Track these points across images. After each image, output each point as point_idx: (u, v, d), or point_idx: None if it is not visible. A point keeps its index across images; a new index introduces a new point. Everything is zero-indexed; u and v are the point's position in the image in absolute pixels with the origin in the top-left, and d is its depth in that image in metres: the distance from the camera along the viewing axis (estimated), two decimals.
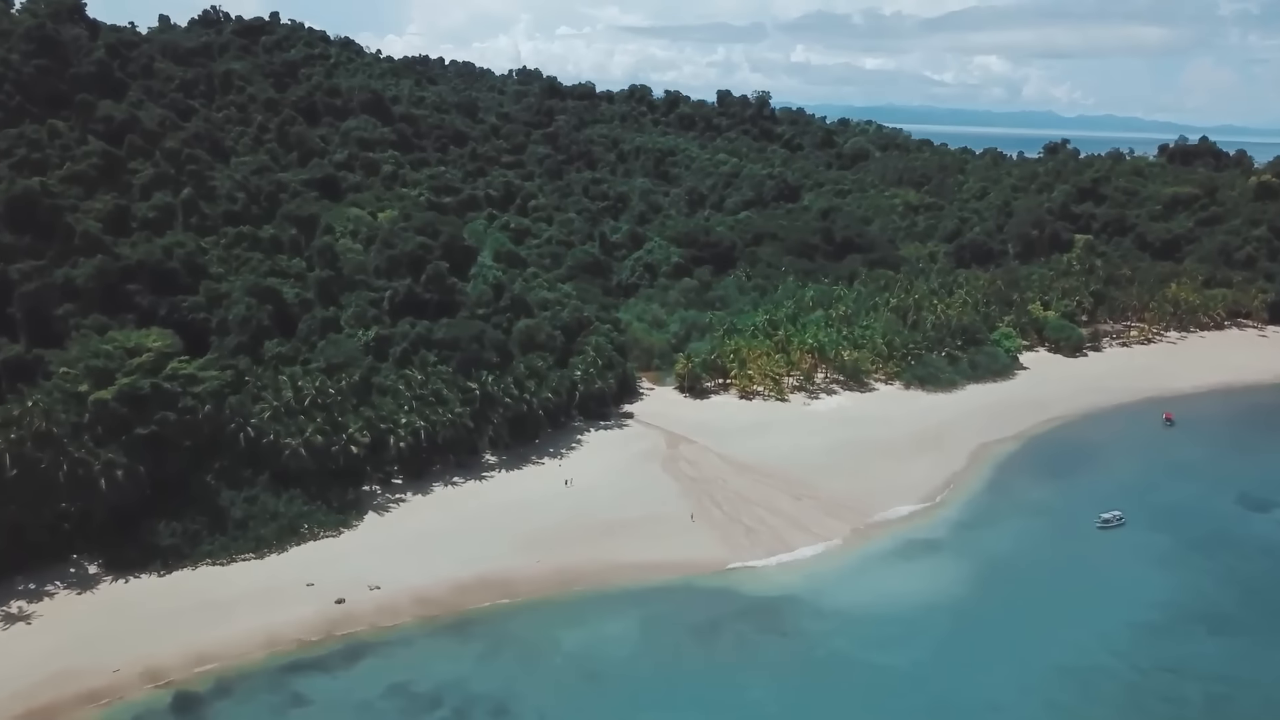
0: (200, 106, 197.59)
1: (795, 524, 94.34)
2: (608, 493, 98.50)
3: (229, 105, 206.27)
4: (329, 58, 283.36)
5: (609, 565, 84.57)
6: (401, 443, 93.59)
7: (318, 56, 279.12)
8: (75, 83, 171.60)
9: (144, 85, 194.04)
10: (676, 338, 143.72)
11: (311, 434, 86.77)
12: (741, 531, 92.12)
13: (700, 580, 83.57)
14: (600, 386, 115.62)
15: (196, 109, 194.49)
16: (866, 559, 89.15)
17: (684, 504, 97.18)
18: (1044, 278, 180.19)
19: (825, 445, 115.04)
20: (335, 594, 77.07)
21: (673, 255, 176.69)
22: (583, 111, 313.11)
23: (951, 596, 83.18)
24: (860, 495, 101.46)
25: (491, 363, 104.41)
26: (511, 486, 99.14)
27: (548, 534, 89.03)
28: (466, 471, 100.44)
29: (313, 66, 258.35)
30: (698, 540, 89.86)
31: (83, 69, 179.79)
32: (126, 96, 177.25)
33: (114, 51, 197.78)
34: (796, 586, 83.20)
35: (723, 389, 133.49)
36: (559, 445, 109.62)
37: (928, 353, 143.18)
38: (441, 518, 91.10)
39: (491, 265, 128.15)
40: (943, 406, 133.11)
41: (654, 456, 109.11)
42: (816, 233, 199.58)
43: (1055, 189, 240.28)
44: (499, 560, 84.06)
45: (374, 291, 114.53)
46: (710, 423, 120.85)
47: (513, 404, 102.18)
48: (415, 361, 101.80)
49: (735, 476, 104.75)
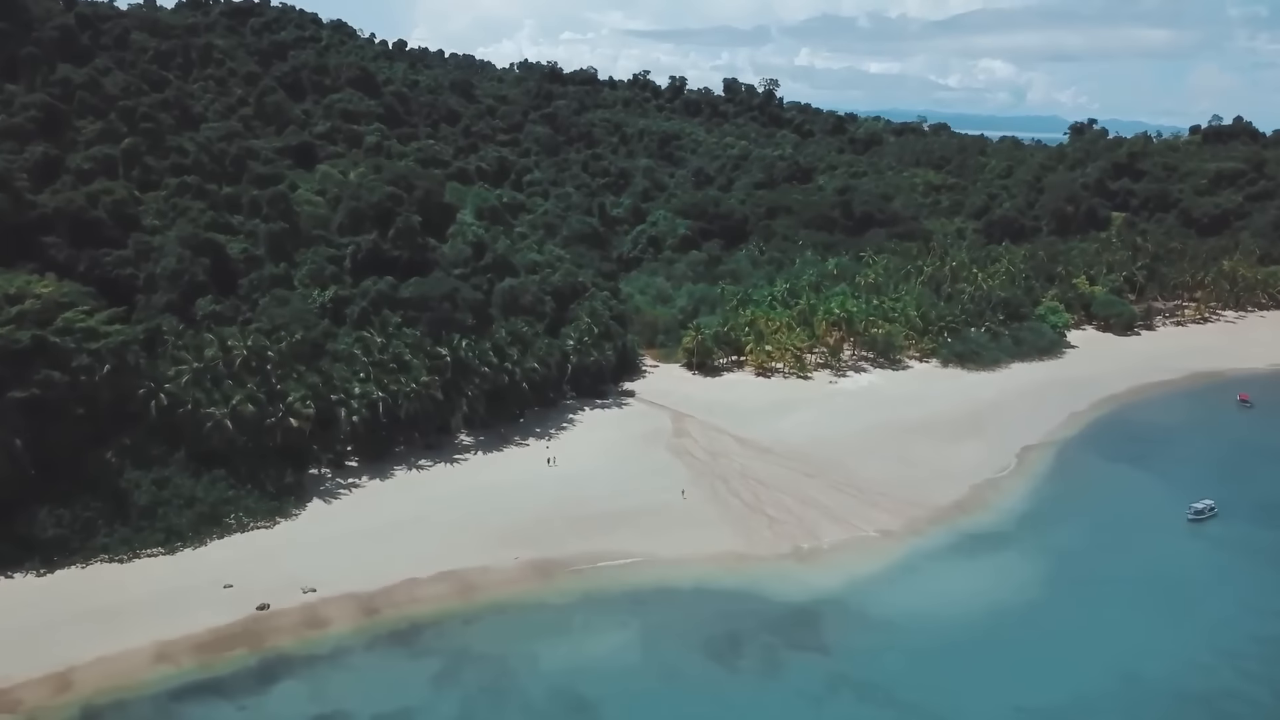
0: (175, 79, 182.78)
1: (829, 514, 78.45)
2: (603, 478, 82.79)
3: (207, 79, 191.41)
4: (320, 40, 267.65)
5: (602, 562, 68.86)
6: (355, 416, 77.93)
7: (308, 39, 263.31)
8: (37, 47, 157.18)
9: (115, 56, 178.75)
10: (684, 313, 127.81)
11: (240, 402, 71.08)
12: (764, 523, 76.25)
13: (714, 580, 67.71)
14: (596, 359, 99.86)
15: (170, 80, 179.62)
16: (917, 556, 73.18)
17: (694, 491, 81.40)
18: (1086, 252, 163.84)
19: (858, 427, 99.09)
20: (258, 598, 61.44)
21: (679, 227, 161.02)
22: (584, 97, 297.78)
23: (1026, 602, 67.16)
24: (904, 482, 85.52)
25: (466, 326, 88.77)
26: (488, 470, 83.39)
27: (529, 526, 73.34)
28: (435, 453, 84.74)
29: (303, 49, 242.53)
30: (710, 533, 74.04)
31: (45, 34, 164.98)
32: (92, 63, 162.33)
33: (86, 22, 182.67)
34: (834, 589, 67.28)
35: (737, 366, 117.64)
36: (547, 424, 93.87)
37: (966, 327, 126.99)
38: (402, 506, 75.40)
39: (473, 223, 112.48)
40: (987, 386, 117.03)
41: (658, 438, 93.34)
42: (835, 207, 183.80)
43: (1089, 165, 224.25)
44: (468, 556, 68.35)
45: (334, 249, 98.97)
46: (723, 402, 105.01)
47: (491, 374, 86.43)
48: (375, 323, 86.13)
49: (754, 460, 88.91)
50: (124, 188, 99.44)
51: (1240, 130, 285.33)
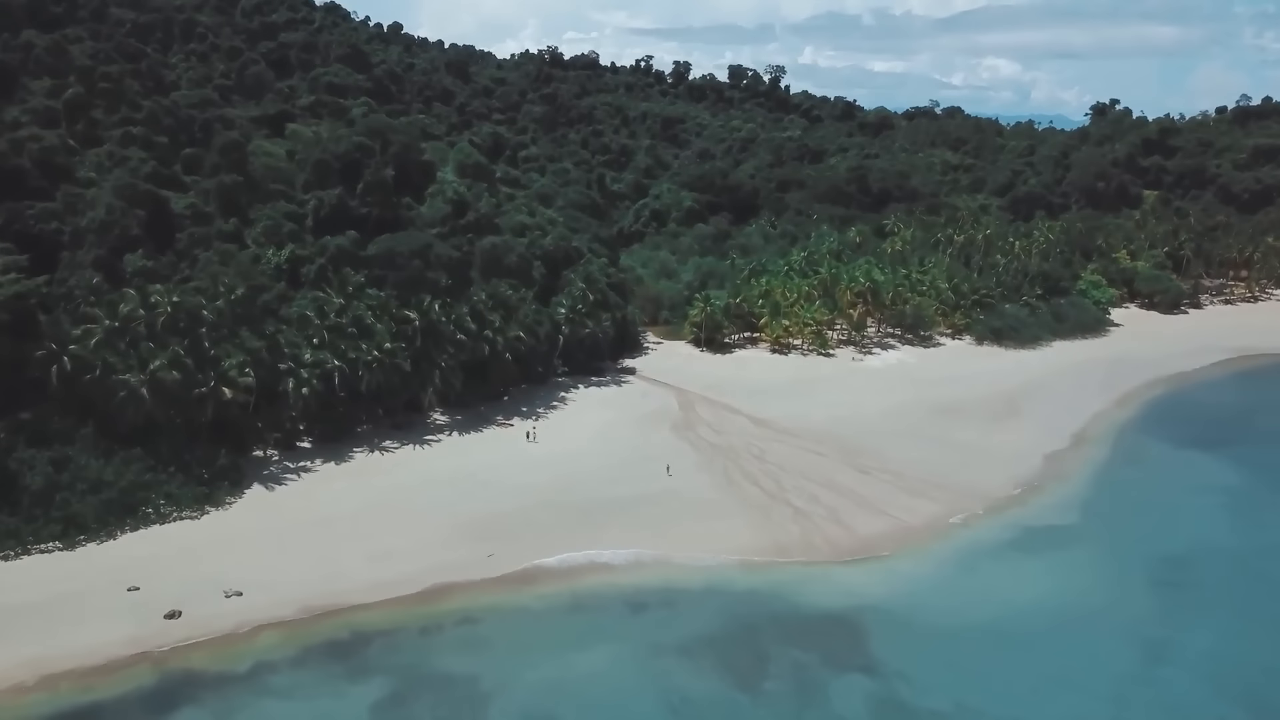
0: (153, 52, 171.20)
1: (864, 503, 66.55)
2: (598, 463, 71.05)
3: (189, 54, 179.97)
4: (313, 23, 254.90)
5: (594, 560, 57.10)
6: (305, 388, 66.15)
7: (300, 21, 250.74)
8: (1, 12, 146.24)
9: (91, 29, 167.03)
10: (690, 287, 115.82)
11: (161, 368, 59.27)
12: (787, 514, 64.36)
13: (731, 583, 55.88)
14: (592, 331, 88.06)
15: (148, 53, 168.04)
16: (972, 553, 61.26)
17: (704, 478, 69.59)
18: (1124, 227, 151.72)
19: (890, 408, 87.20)
20: (169, 603, 49.77)
21: (685, 200, 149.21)
22: (585, 81, 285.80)
23: (1107, 611, 55.26)
24: (947, 467, 73.61)
25: (441, 287, 77.03)
26: (464, 453, 71.64)
27: (509, 517, 61.58)
28: (404, 434, 73.03)
29: (294, 31, 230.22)
30: (725, 525, 62.17)
31: None
32: (62, 32, 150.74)
33: None
34: (875, 592, 55.40)
35: (750, 343, 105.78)
36: (535, 403, 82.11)
37: (1001, 302, 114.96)
38: (359, 494, 63.69)
39: (454, 180, 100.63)
40: (1029, 364, 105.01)
41: (663, 419, 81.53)
42: (851, 182, 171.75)
43: (1117, 142, 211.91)
44: (434, 553, 56.62)
45: (295, 205, 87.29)
46: (736, 380, 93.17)
47: (468, 343, 74.65)
48: (334, 281, 74.39)
49: (774, 443, 77.06)
50: (57, 137, 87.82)
51: (1271, 110, 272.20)
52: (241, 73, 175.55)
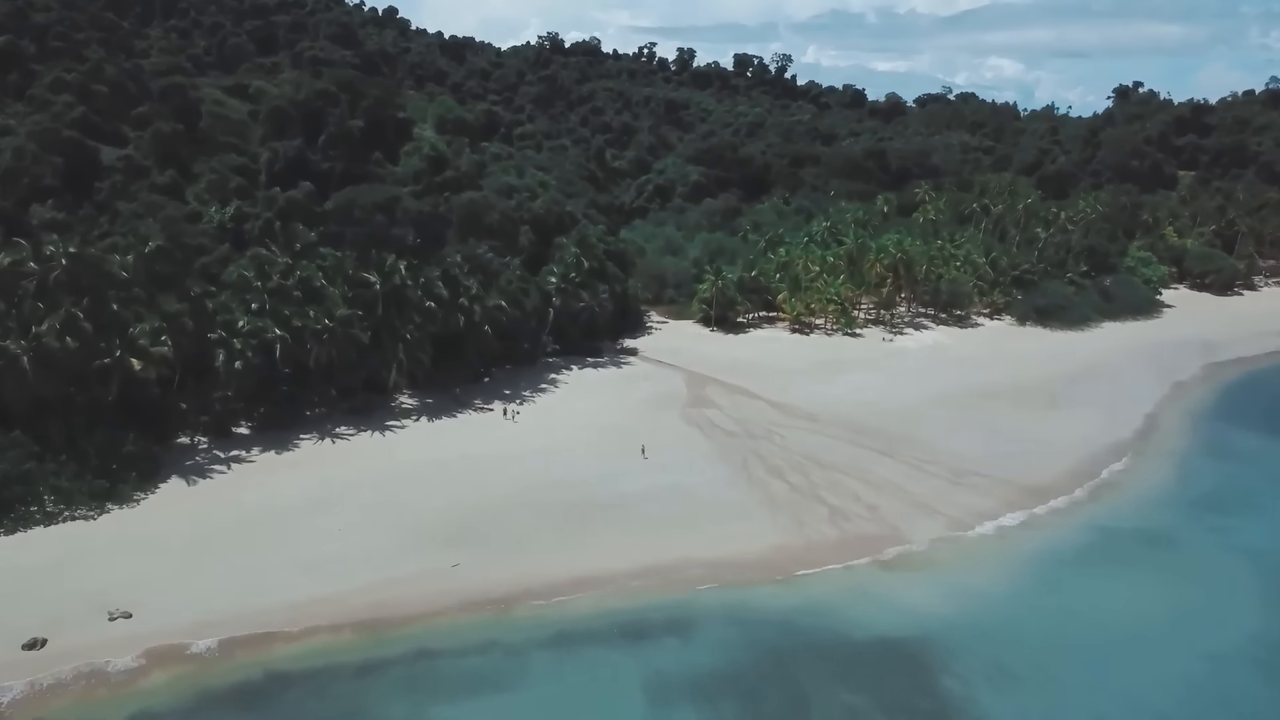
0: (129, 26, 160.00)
1: (912, 501, 55.17)
2: (593, 454, 59.73)
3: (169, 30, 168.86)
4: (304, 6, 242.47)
5: (586, 574, 45.69)
6: (238, 361, 54.80)
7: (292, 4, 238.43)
8: None
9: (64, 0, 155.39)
10: (698, 264, 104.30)
11: (49, 333, 47.90)
12: (822, 514, 52.95)
13: (759, 601, 44.42)
14: (587, 305, 76.68)
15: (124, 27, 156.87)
16: (1048, 561, 49.82)
17: (719, 472, 58.23)
18: (1167, 203, 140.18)
19: (931, 392, 75.80)
20: (34, 629, 38.51)
21: (691, 175, 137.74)
22: (586, 67, 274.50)
23: (1234, 632, 43.91)
24: (1003, 459, 62.22)
25: (409, 246, 65.63)
26: (434, 442, 60.32)
27: (483, 520, 50.27)
28: (362, 419, 61.71)
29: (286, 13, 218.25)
30: (748, 529, 50.77)
31: None
32: None
33: None
34: (938, 611, 44.00)
35: (766, 322, 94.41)
36: (520, 385, 70.80)
37: (1044, 279, 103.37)
38: (303, 489, 52.37)
39: (433, 137, 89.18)
40: (1079, 347, 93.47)
41: (670, 404, 70.17)
42: (869, 157, 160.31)
43: (1148, 120, 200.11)
44: (387, 564, 45.32)
45: (247, 158, 75.97)
46: (752, 362, 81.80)
47: (439, 312, 63.25)
48: (280, 237, 63.03)
49: (801, 432, 65.66)
50: None
51: None
52: (220, 46, 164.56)
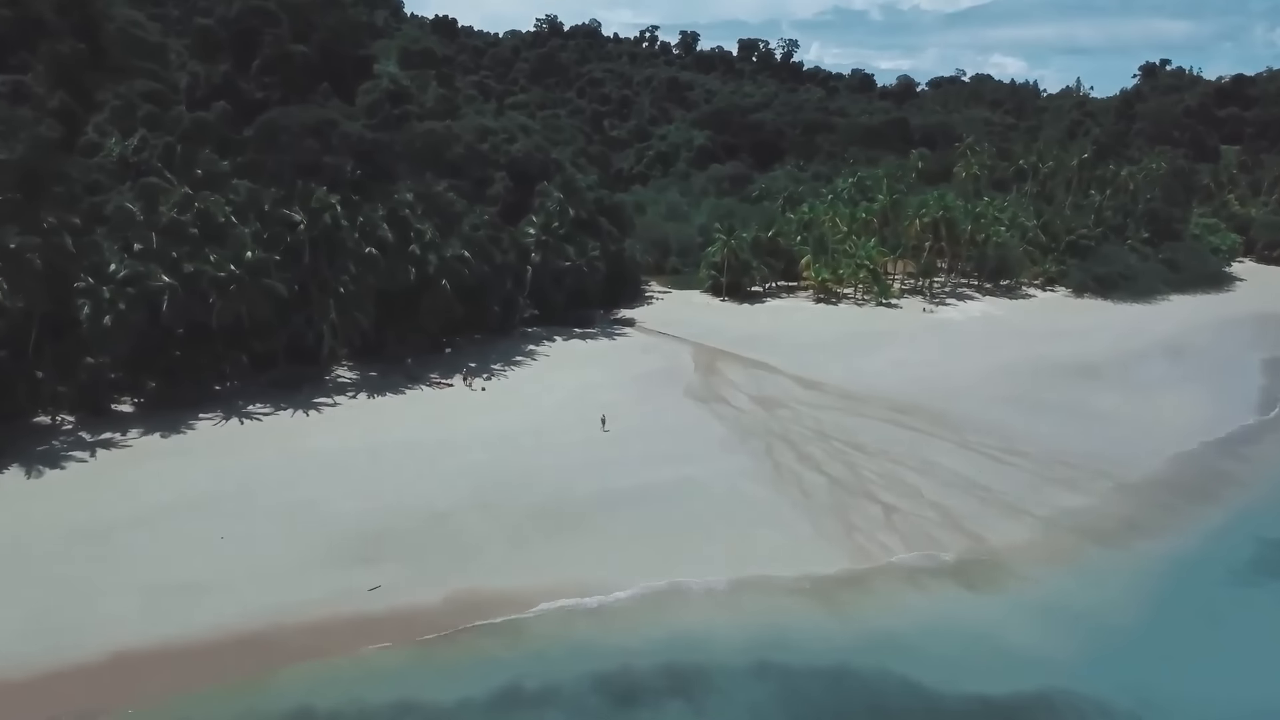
0: None
1: (990, 499, 41.87)
2: (573, 439, 46.54)
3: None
4: None
5: (551, 598, 32.38)
6: (108, 316, 41.66)
7: None
8: None
9: None
10: (704, 233, 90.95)
11: None
12: (875, 515, 39.65)
13: (800, 636, 31.14)
14: (574, 265, 63.46)
15: None
16: (1192, 577, 36.58)
17: (737, 462, 44.96)
18: (1227, 169, 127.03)
19: (991, 368, 62.60)
20: None
21: (697, 139, 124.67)
22: (585, 50, 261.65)
23: None
24: (1096, 447, 49.01)
25: (350, 180, 52.40)
26: (373, 424, 47.11)
27: (420, 526, 37.10)
28: (286, 393, 48.58)
29: None
30: (781, 535, 37.50)
31: None
32: None
33: None
34: (1057, 653, 30.76)
35: (787, 292, 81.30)
36: (490, 358, 57.65)
37: (1103, 244, 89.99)
38: (186, 483, 39.22)
39: (393, 69, 75.89)
40: (1152, 320, 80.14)
41: (673, 380, 57.00)
42: (889, 125, 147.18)
43: (1185, 92, 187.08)
44: (278, 584, 32.16)
45: (161, 85, 62.80)
46: (772, 334, 68.60)
47: (383, 261, 49.96)
48: (176, 164, 49.79)
49: (837, 414, 52.48)
50: None
51: None
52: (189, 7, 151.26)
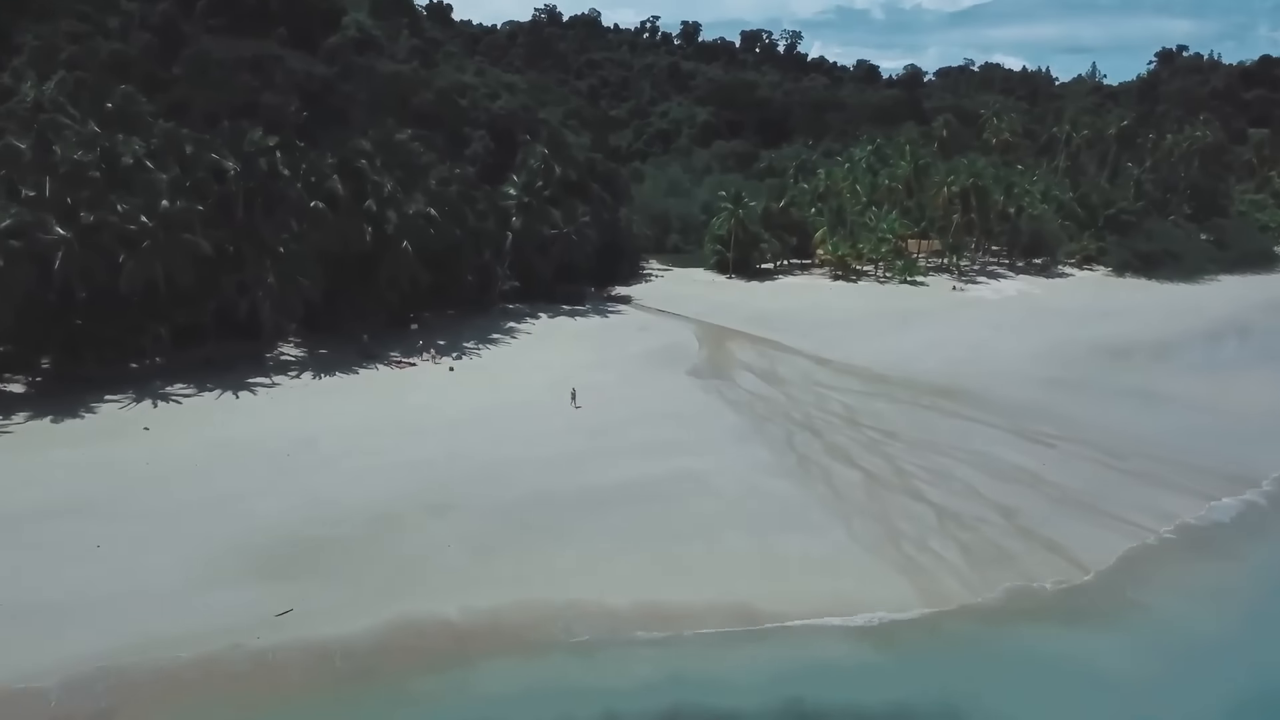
0: None
1: (1068, 499, 33.90)
2: (551, 425, 38.60)
3: None
4: None
5: (509, 629, 24.37)
6: None
7: None
8: None
9: None
10: (708, 210, 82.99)
11: None
12: (926, 518, 31.63)
13: (838, 684, 23.21)
14: (563, 233, 55.50)
15: None
16: None
17: (753, 454, 36.96)
18: (1265, 144, 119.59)
19: (1038, 350, 54.76)
20: None
21: (699, 115, 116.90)
22: (584, 40, 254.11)
23: None
24: (1187, 437, 41.01)
25: (294, 122, 44.39)
26: (313, 409, 39.13)
27: (351, 532, 29.13)
28: (215, 372, 40.67)
29: None
30: (803, 542, 29.47)
31: None
32: None
33: None
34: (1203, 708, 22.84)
35: (801, 269, 73.40)
36: (463, 335, 49.77)
37: (1144, 219, 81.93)
38: (70, 481, 31.33)
39: (361, 17, 67.81)
40: (1207, 300, 72.30)
41: (675, 360, 49.08)
42: (901, 104, 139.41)
43: (1207, 75, 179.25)
44: (162, 609, 24.21)
45: (91, 25, 54.82)
46: (786, 313, 60.69)
47: (331, 217, 41.95)
48: (84, 102, 41.81)
49: (865, 397, 44.57)
50: None
51: None
52: None
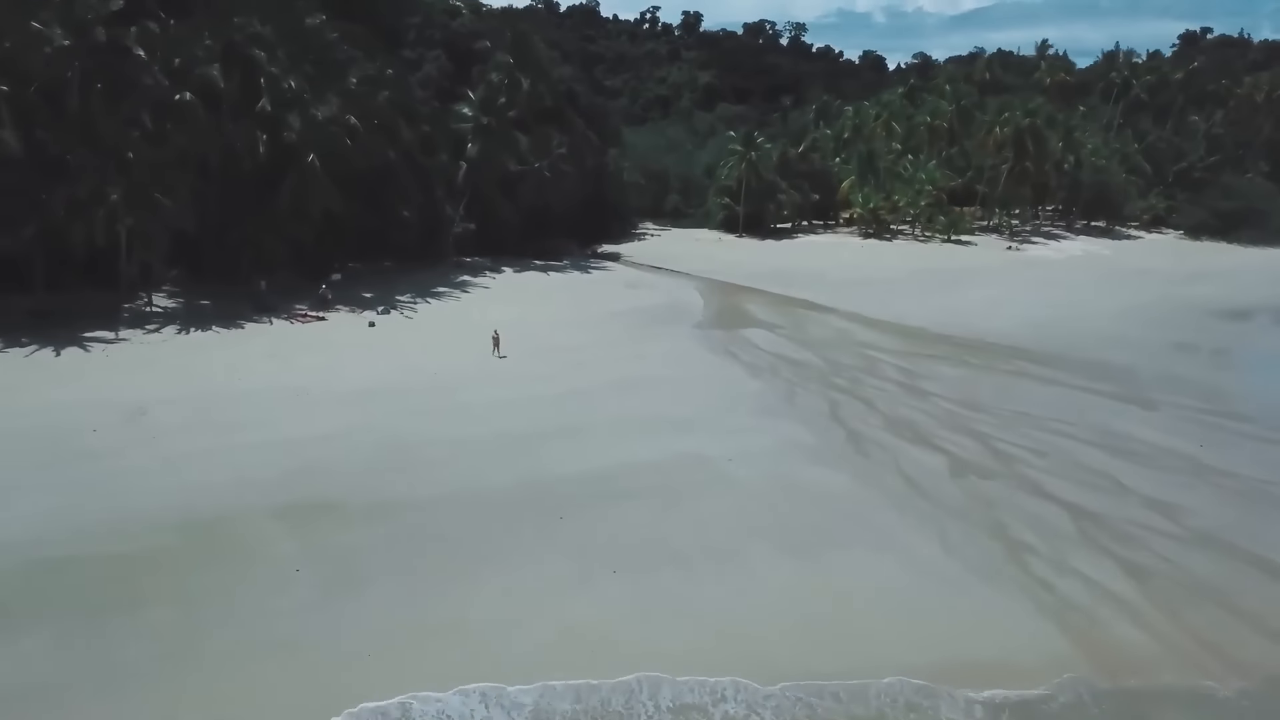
0: None
1: (1246, 491, 22.77)
2: (507, 397, 27.33)
3: None
4: None
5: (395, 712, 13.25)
6: None
7: None
8: None
9: None
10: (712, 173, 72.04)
11: None
12: (1057, 525, 20.41)
13: None
14: (531, 167, 44.42)
15: None
16: None
17: (781, 428, 25.55)
18: None
19: (1130, 308, 43.73)
20: None
21: (701, 79, 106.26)
22: (580, 29, 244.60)
23: None
24: None
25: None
26: (174, 368, 28.09)
27: (177, 543, 17.88)
28: (52, 327, 29.67)
29: None
30: (866, 560, 18.22)
31: None
32: None
33: None
34: None
35: (825, 229, 62.36)
36: (400, 287, 38.80)
37: (1216, 177, 70.88)
38: None
39: None
40: None
41: (675, 318, 37.92)
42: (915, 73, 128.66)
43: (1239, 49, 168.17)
44: None
45: None
46: (811, 271, 49.65)
47: (204, 116, 30.82)
48: None
49: (930, 361, 33.43)
50: None
51: None
52: None
